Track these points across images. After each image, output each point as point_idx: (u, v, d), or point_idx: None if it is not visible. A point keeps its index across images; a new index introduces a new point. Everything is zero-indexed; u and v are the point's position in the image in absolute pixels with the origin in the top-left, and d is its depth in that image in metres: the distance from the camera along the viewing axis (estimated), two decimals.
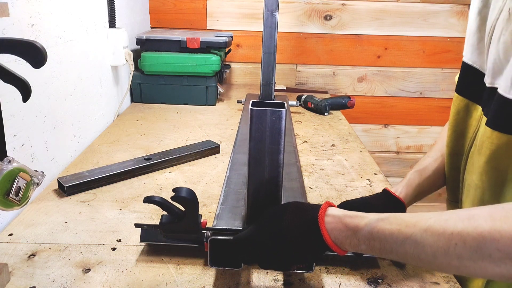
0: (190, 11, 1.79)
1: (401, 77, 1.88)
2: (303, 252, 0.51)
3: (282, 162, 0.53)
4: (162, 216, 0.57)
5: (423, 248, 0.43)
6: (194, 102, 1.51)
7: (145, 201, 0.54)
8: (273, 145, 0.52)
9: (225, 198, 0.69)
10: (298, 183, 0.77)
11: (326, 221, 0.49)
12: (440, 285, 0.61)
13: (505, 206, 0.42)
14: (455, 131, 0.71)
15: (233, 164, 0.84)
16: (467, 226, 0.41)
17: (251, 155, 0.53)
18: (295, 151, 0.96)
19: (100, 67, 1.23)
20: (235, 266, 0.56)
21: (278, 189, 0.55)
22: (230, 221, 0.61)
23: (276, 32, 1.30)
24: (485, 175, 0.60)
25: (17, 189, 0.54)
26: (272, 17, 1.29)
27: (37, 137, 0.86)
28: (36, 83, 0.86)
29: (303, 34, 1.82)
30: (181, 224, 0.56)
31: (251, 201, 0.56)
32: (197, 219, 0.56)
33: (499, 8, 0.57)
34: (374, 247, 0.47)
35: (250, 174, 0.54)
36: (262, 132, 0.52)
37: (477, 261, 0.40)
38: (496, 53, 0.56)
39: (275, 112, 0.51)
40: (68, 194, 0.83)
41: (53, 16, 0.92)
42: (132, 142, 1.13)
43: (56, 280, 0.59)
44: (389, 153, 1.98)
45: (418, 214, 0.45)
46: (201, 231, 0.57)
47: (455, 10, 1.78)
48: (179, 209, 0.56)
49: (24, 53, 0.51)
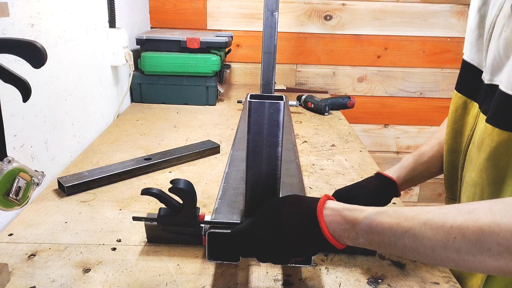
0: (190, 11, 1.79)
1: (401, 77, 1.88)
2: (301, 245, 0.50)
3: (280, 155, 0.53)
4: (160, 209, 0.57)
5: (421, 241, 0.42)
6: (194, 102, 1.51)
7: (143, 193, 0.54)
8: (271, 138, 0.52)
9: (223, 193, 0.68)
10: (297, 179, 0.77)
11: (324, 214, 0.49)
12: (440, 285, 0.61)
13: (505, 200, 0.41)
14: (453, 128, 0.71)
15: (232, 160, 0.84)
16: (467, 220, 0.40)
17: (249, 147, 0.53)
18: (294, 148, 0.96)
19: (100, 67, 1.23)
20: (233, 260, 0.56)
21: (276, 182, 0.55)
22: (228, 215, 0.61)
23: (276, 32, 1.30)
24: (485, 172, 0.60)
25: (17, 189, 0.54)
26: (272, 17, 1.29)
27: (37, 137, 0.86)
28: (36, 83, 0.86)
29: (303, 34, 1.82)
30: (179, 217, 0.56)
31: (249, 194, 0.56)
32: (195, 212, 0.56)
33: (499, 4, 0.57)
34: (372, 241, 0.46)
35: (248, 167, 0.54)
36: (260, 125, 0.51)
37: (476, 255, 0.40)
38: (496, 50, 0.56)
39: (273, 104, 0.51)
40: (68, 194, 0.83)
41: (53, 16, 0.92)
42: (132, 142, 1.13)
43: (56, 280, 0.59)
44: (389, 153, 1.98)
45: (417, 207, 0.45)
46: (199, 224, 0.57)
47: (455, 10, 1.78)
48: (177, 202, 0.56)
49: (24, 53, 0.51)
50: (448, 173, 0.74)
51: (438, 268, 0.65)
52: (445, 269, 0.64)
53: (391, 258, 0.67)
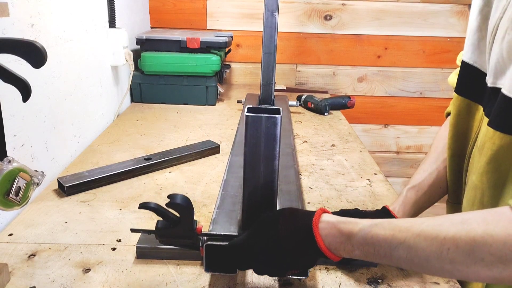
0: (190, 11, 1.79)
1: (401, 77, 1.88)
2: (298, 259, 0.51)
3: (277, 168, 0.54)
4: (158, 222, 0.58)
5: (416, 252, 0.43)
6: (194, 102, 1.51)
7: (140, 207, 0.55)
8: (268, 151, 0.52)
9: (221, 202, 0.68)
10: (295, 186, 0.77)
11: (320, 227, 0.49)
12: (440, 285, 0.61)
13: (498, 210, 0.42)
14: (457, 132, 0.70)
15: (230, 166, 0.84)
16: (460, 230, 0.41)
17: (246, 160, 0.53)
18: (293, 153, 0.95)
19: (100, 67, 1.23)
20: (230, 271, 0.57)
21: (273, 194, 0.55)
22: (226, 225, 0.61)
23: (276, 32, 1.30)
24: (485, 176, 0.60)
25: (17, 189, 0.54)
26: (272, 17, 1.29)
27: (37, 137, 0.86)
28: (36, 83, 0.86)
29: (303, 34, 1.82)
30: (176, 230, 0.56)
31: (246, 206, 0.56)
32: (192, 225, 0.57)
33: (503, 7, 0.56)
34: (368, 252, 0.47)
35: (245, 179, 0.54)
36: (257, 138, 0.52)
37: (470, 265, 0.40)
38: (499, 53, 0.56)
39: (270, 118, 0.51)
40: (68, 194, 0.83)
41: (53, 16, 0.92)
42: (132, 142, 1.13)
43: (56, 280, 0.59)
44: (389, 153, 1.98)
45: (412, 219, 0.46)
46: (197, 236, 0.58)
47: (455, 10, 1.77)
48: (174, 215, 0.56)
49: (24, 53, 0.52)
50: (452, 177, 0.73)
51: None
52: None
53: None
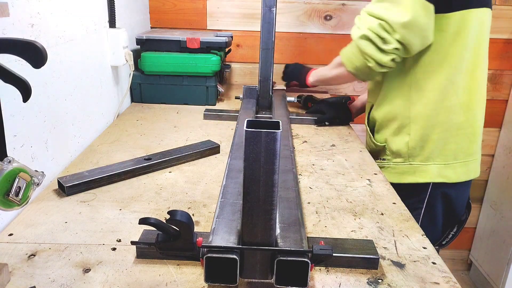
0: (190, 11, 1.79)
1: None
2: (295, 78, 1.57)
3: (277, 182, 0.54)
4: (158, 235, 0.59)
5: None
6: (194, 102, 1.51)
7: (141, 222, 0.56)
8: (268, 166, 0.52)
9: (221, 211, 0.68)
10: (294, 192, 0.77)
11: None
12: (440, 285, 0.61)
13: None
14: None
15: (229, 171, 0.83)
16: None
17: (246, 175, 0.53)
18: (291, 155, 0.95)
19: (100, 67, 1.24)
20: (230, 282, 0.57)
21: (273, 208, 0.55)
22: (225, 236, 0.61)
23: (274, 27, 1.30)
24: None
25: (17, 189, 0.54)
26: (270, 13, 1.29)
27: (37, 137, 0.86)
28: (36, 83, 0.86)
29: (303, 34, 1.82)
30: (176, 243, 0.58)
31: (245, 220, 0.56)
32: (192, 238, 0.58)
33: None
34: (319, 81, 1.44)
35: (245, 194, 0.54)
36: (256, 153, 0.51)
37: None
38: None
39: (270, 133, 0.51)
40: (68, 194, 0.83)
41: (53, 16, 0.92)
42: (132, 142, 1.13)
43: (56, 280, 0.59)
44: None
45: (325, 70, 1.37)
46: (197, 249, 0.58)
47: None
48: (174, 229, 0.57)
49: (24, 53, 0.52)
50: None
51: (438, 268, 0.65)
52: (445, 269, 0.64)
53: (391, 258, 0.67)
